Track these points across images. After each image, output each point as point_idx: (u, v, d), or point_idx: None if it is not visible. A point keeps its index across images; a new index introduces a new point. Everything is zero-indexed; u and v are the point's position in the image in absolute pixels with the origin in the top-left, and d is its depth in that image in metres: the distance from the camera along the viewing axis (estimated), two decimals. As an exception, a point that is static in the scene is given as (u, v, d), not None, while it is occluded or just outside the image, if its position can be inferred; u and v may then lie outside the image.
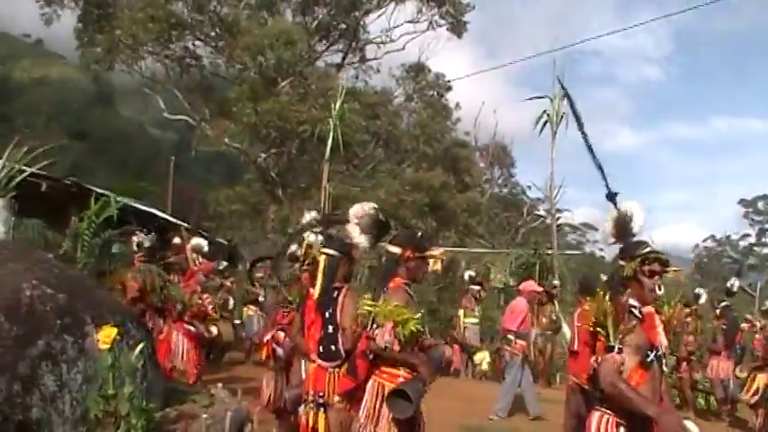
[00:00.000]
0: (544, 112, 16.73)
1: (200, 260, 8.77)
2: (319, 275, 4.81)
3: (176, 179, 42.96)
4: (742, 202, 53.98)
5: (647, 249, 3.47)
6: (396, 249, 4.39)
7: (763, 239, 51.71)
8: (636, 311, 3.31)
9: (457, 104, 29.09)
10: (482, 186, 29.10)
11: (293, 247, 6.49)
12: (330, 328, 4.65)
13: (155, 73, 26.01)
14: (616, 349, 3.25)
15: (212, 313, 8.26)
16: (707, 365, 10.74)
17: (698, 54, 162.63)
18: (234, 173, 34.79)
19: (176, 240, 9.68)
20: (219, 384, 6.99)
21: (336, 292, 4.70)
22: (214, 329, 8.40)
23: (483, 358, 11.15)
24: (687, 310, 10.93)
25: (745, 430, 9.81)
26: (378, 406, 4.04)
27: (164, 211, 15.81)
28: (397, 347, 4.00)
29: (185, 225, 12.16)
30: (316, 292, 4.82)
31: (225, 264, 12.72)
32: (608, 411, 3.32)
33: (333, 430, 4.54)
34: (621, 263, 3.49)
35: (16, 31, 66.84)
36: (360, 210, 4.60)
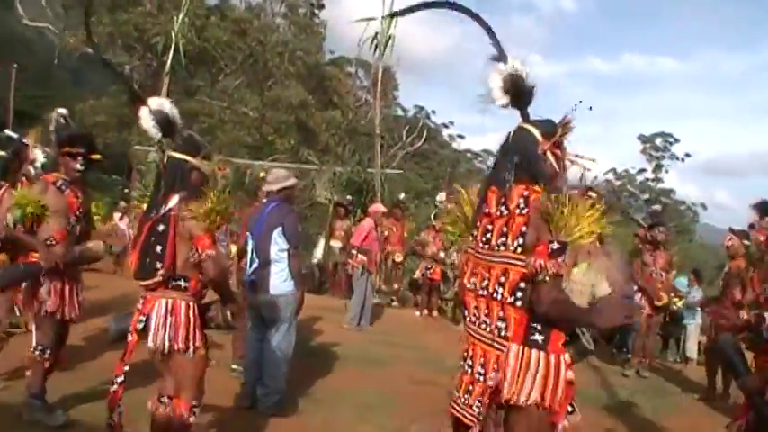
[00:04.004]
0: (376, 34, 17.60)
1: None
2: None
3: (73, 88, 41.57)
4: (641, 137, 54.06)
5: None
6: None
7: (659, 175, 52.32)
8: None
9: (324, 23, 29.41)
10: (349, 106, 29.50)
11: None
12: None
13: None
14: None
15: None
16: None
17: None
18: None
19: None
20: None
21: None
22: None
23: None
24: None
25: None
26: None
27: None
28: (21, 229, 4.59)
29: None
30: None
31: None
32: None
33: None
34: None
35: None
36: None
